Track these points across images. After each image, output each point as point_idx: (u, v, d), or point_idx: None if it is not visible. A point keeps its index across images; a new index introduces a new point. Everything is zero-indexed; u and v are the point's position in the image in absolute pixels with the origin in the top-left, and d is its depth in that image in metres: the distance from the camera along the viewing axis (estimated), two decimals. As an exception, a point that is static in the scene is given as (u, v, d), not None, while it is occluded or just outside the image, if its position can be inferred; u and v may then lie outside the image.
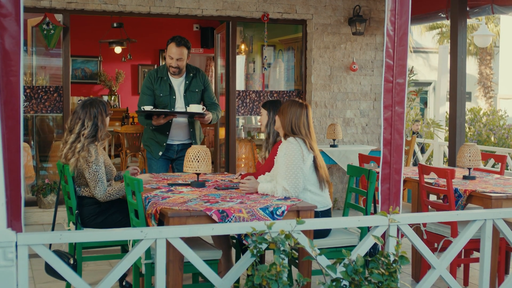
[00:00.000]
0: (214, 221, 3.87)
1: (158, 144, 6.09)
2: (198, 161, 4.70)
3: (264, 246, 3.45)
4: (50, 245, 4.19)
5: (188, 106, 5.92)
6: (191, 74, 6.09)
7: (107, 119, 5.04)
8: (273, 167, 4.76)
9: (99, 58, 13.22)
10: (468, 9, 8.20)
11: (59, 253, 4.50)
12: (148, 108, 5.88)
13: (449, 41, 8.42)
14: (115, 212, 4.93)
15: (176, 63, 5.93)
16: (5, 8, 3.15)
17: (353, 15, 8.88)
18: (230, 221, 3.88)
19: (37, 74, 8.60)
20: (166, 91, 6.00)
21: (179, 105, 6.04)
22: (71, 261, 4.52)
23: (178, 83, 6.06)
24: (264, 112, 5.23)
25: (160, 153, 6.07)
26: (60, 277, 3.76)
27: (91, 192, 4.87)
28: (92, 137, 4.88)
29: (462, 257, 5.47)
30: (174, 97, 6.00)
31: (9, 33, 3.16)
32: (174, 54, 5.91)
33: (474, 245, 4.79)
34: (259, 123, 5.69)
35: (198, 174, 4.81)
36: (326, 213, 4.61)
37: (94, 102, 4.99)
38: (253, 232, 3.46)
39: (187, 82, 6.07)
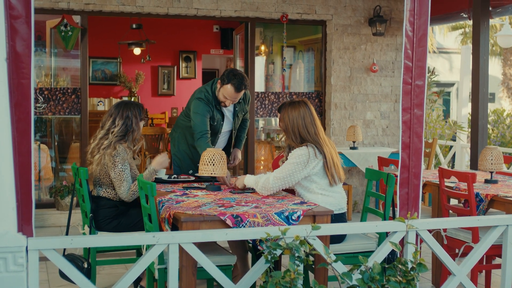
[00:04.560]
0: (228, 226, 3.80)
1: (191, 162, 5.75)
2: (213, 164, 4.63)
3: (278, 252, 3.38)
4: (65, 248, 4.16)
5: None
6: (240, 100, 5.69)
7: (141, 123, 5.02)
8: None
9: (119, 60, 13.24)
10: (490, 9, 8.05)
11: (73, 257, 4.47)
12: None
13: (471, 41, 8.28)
14: (131, 215, 4.89)
15: (230, 103, 5.49)
16: (16, 10, 3.11)
17: (373, 16, 8.77)
18: (244, 226, 3.81)
19: (57, 76, 8.61)
20: (219, 119, 5.61)
21: (225, 129, 5.73)
22: (85, 265, 4.48)
23: (228, 110, 5.69)
24: None
25: (191, 172, 5.69)
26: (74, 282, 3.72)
27: (115, 192, 4.86)
28: (121, 137, 4.88)
29: (484, 263, 5.35)
30: (222, 122, 5.67)
31: (20, 36, 3.13)
32: (231, 97, 5.42)
33: (496, 251, 4.67)
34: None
35: (213, 178, 4.74)
36: (340, 217, 4.51)
37: (129, 104, 5.04)
38: (267, 237, 3.39)
39: (236, 109, 5.70)
